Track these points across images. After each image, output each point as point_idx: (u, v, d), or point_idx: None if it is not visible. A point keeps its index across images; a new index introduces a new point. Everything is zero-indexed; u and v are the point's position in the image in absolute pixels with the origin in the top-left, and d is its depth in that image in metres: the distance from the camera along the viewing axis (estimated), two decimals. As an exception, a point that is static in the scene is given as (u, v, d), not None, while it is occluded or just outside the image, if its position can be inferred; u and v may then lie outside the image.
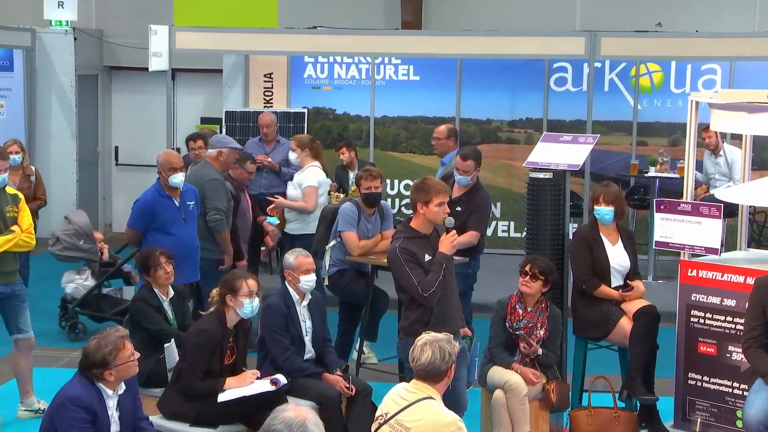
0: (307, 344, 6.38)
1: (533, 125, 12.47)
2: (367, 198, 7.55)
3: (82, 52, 13.23)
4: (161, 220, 7.53)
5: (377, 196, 7.61)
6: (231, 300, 5.89)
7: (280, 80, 12.76)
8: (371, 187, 7.55)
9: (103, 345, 4.80)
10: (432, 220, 5.82)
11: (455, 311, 5.98)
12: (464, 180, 7.75)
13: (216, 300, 5.97)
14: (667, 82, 12.23)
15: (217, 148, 8.29)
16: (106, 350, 4.79)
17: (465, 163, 7.76)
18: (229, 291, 5.89)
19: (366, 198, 7.55)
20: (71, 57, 13.05)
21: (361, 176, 7.61)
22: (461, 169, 7.77)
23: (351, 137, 12.49)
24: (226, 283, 5.96)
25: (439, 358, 4.61)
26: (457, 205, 7.57)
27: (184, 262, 7.53)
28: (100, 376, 4.80)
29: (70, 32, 13.06)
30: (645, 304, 6.78)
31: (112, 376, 4.81)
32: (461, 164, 7.78)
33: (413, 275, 5.71)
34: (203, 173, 8.11)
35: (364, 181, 7.55)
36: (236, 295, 5.88)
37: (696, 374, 6.40)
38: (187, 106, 13.52)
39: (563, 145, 7.13)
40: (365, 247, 7.57)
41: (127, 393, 4.97)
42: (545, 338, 6.49)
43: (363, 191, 7.56)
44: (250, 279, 5.95)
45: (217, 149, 8.29)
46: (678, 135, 12.04)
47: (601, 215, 6.87)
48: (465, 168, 7.76)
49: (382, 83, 12.63)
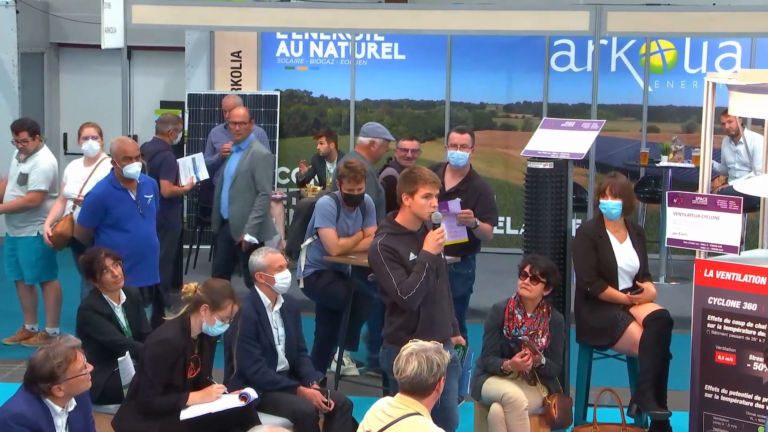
0: (280, 354, 6.37)
1: (532, 110, 12.49)
2: (348, 199, 7.53)
3: (25, 27, 13.15)
4: (115, 215, 7.51)
5: (359, 199, 7.58)
6: (205, 311, 5.85)
7: (249, 60, 12.73)
8: (354, 189, 7.52)
9: (52, 356, 4.77)
10: (417, 214, 5.82)
11: (445, 317, 5.98)
12: (463, 158, 7.59)
13: (189, 297, 5.92)
14: (681, 62, 12.26)
15: (370, 137, 8.31)
16: (54, 362, 4.76)
17: (463, 137, 7.63)
18: (209, 302, 5.84)
19: (347, 199, 7.53)
20: (13, 33, 12.97)
21: (343, 174, 7.50)
22: (459, 143, 7.61)
23: (329, 124, 12.48)
24: (212, 292, 5.90)
25: (426, 369, 4.61)
26: (455, 196, 7.56)
27: (142, 263, 7.51)
28: (48, 391, 4.77)
29: (12, 5, 12.97)
30: (656, 308, 6.80)
31: (62, 391, 4.79)
32: (459, 138, 7.63)
33: (393, 276, 5.71)
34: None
35: (347, 182, 7.49)
36: (215, 312, 5.84)
37: (713, 386, 6.42)
38: (144, 88, 13.46)
39: (565, 131, 7.14)
40: (345, 245, 7.56)
41: (78, 410, 4.96)
42: (547, 347, 6.51)
43: (344, 191, 7.53)
44: (237, 305, 5.93)
45: (369, 138, 8.31)
46: (693, 120, 12.08)
47: (608, 210, 6.88)
48: (464, 141, 7.60)
49: (364, 63, 12.61)
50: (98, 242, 7.43)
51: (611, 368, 7.16)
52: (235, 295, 5.92)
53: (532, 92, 12.49)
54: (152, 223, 7.74)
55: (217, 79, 12.77)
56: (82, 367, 4.85)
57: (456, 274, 7.56)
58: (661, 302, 6.98)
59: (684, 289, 9.85)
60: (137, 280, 7.12)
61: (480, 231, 7.60)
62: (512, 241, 12.20)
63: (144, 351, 5.92)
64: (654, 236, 11.35)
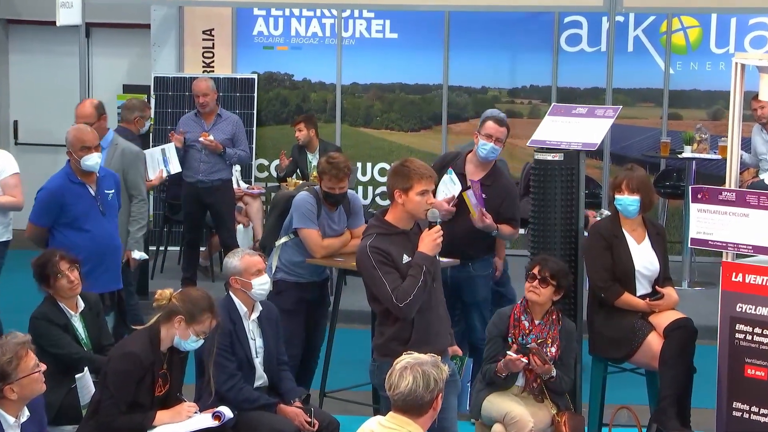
0: (258, 368, 6.37)
1: (539, 94, 12.51)
2: (329, 198, 7.47)
3: (-30, 2, 13.14)
4: (72, 212, 7.49)
5: (341, 198, 7.53)
6: (179, 324, 5.84)
7: (223, 38, 12.72)
8: (335, 188, 7.47)
9: (0, 353, 4.77)
10: (412, 213, 5.83)
11: (442, 325, 5.98)
12: (495, 153, 7.63)
13: (162, 306, 5.91)
14: (706, 41, 12.28)
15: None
16: (3, 359, 4.76)
17: (501, 129, 7.64)
18: (185, 314, 5.83)
19: (327, 198, 7.47)
20: (-43, 8, 12.96)
21: (324, 170, 7.41)
22: (496, 136, 7.62)
23: (313, 110, 12.48)
24: (190, 302, 5.88)
25: (422, 385, 4.62)
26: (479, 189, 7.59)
27: (102, 266, 7.50)
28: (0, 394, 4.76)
29: (-46, -23, 12.97)
30: (678, 316, 6.82)
31: (14, 393, 4.78)
32: (497, 131, 7.62)
33: (387, 281, 5.71)
34: None
35: (327, 179, 7.39)
36: (190, 325, 5.84)
37: (742, 404, 6.43)
38: (105, 70, 13.44)
39: (577, 119, 7.15)
40: (331, 247, 7.51)
41: (32, 423, 4.95)
42: (556, 358, 6.53)
43: (324, 189, 7.47)
44: (216, 320, 5.92)
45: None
46: (720, 106, 12.10)
47: (624, 206, 6.90)
48: (501, 135, 7.62)
49: (351, 42, 12.62)
50: (53, 244, 7.41)
51: (628, 383, 7.17)
52: (214, 309, 5.92)
53: (540, 75, 12.51)
54: (114, 221, 7.73)
55: (186, 61, 12.76)
56: (34, 365, 4.85)
57: (476, 277, 7.61)
58: (684, 310, 7.00)
59: (709, 295, 9.88)
60: (97, 285, 7.11)
61: (501, 233, 7.65)
62: (517, 242, 12.21)
63: (107, 365, 5.91)
64: (676, 236, 11.37)
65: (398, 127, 12.66)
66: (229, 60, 12.71)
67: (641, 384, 7.05)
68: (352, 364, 7.97)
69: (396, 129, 12.68)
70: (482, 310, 7.69)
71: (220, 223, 10.57)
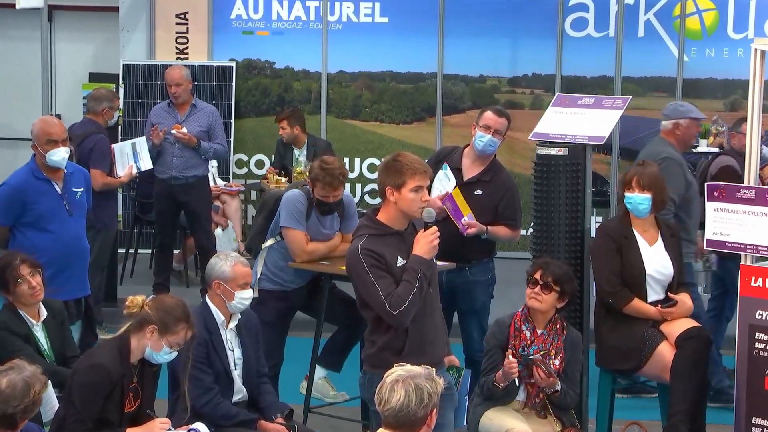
0: (237, 381, 6.38)
1: (542, 83, 12.53)
2: (321, 206, 7.48)
3: None
4: (36, 211, 7.48)
5: (334, 207, 7.53)
6: (152, 334, 5.84)
7: (198, 23, 12.72)
8: (329, 196, 7.47)
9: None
10: (406, 211, 5.84)
11: (438, 334, 5.99)
12: (494, 146, 7.61)
13: (134, 314, 5.92)
14: (723, 25, 12.32)
15: (672, 119, 8.27)
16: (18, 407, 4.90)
17: (500, 120, 7.60)
18: (159, 324, 5.83)
19: (319, 205, 7.48)
20: None
21: (317, 177, 7.38)
22: (494, 128, 7.59)
23: (296, 101, 12.49)
24: (164, 311, 5.87)
25: (415, 400, 4.63)
26: (476, 187, 7.58)
27: (67, 271, 7.49)
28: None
29: None
30: (692, 325, 6.84)
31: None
32: (496, 122, 7.59)
33: (379, 286, 5.72)
34: (657, 151, 8.00)
35: (321, 187, 7.37)
36: (164, 336, 5.83)
37: (762, 419, 6.45)
38: (69, 57, 13.44)
39: (583, 110, 7.17)
40: (315, 252, 7.51)
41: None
42: (560, 370, 6.54)
43: (317, 196, 7.46)
44: (191, 331, 5.92)
45: (672, 120, 8.27)
46: (738, 96, 12.14)
47: (635, 205, 6.92)
48: (500, 127, 7.58)
49: (338, 27, 12.62)
50: (14, 245, 7.40)
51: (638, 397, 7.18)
52: (190, 319, 5.90)
53: (543, 62, 12.53)
54: (81, 222, 7.72)
55: (158, 47, 12.75)
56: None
57: (473, 281, 7.61)
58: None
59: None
60: (62, 291, 7.10)
61: (493, 235, 7.61)
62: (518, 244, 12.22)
63: (71, 378, 5.91)
64: (690, 237, 11.40)
65: (389, 119, 12.67)
66: (204, 46, 12.71)
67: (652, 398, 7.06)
68: (339, 377, 7.98)
69: (386, 121, 12.69)
70: (480, 319, 7.70)
71: (195, 224, 10.56)
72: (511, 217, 7.65)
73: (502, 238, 7.70)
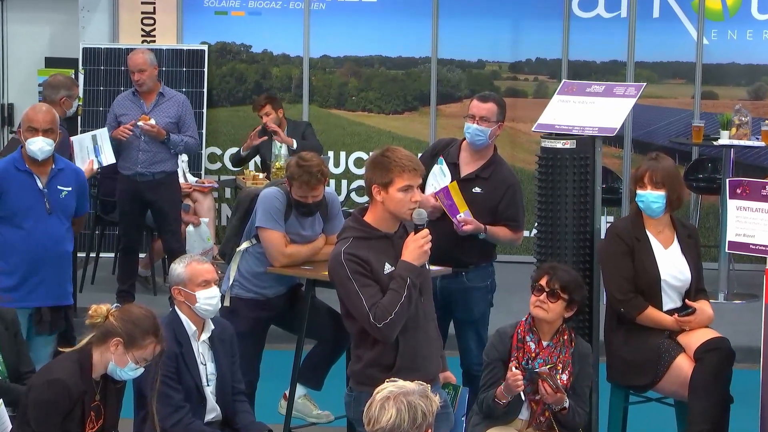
0: (210, 398, 6.38)
1: (547, 69, 12.55)
2: (300, 207, 7.45)
3: None
4: (11, 204, 7.47)
5: (314, 208, 7.51)
6: (116, 347, 5.83)
7: (166, 2, 12.72)
8: (308, 196, 7.45)
9: None
10: (394, 212, 5.83)
11: (432, 347, 5.99)
12: (481, 135, 7.56)
13: (97, 324, 5.89)
14: (747, 5, 12.35)
15: None
16: None
17: (484, 106, 7.58)
18: (125, 336, 5.81)
19: (297, 207, 7.46)
20: None
21: (293, 175, 7.35)
22: (479, 115, 7.57)
23: (275, 89, 12.49)
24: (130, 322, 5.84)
25: (408, 419, 4.63)
26: (474, 184, 7.58)
27: (38, 275, 7.45)
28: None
29: None
30: (713, 335, 6.86)
31: None
32: (478, 108, 7.58)
33: (363, 295, 5.70)
34: None
35: (297, 186, 7.32)
36: (130, 350, 5.82)
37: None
38: (24, 40, 13.41)
39: (592, 98, 7.18)
40: (295, 255, 7.50)
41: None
42: (568, 386, 6.55)
43: (295, 197, 7.43)
44: (160, 345, 5.89)
45: None
46: (763, 83, 12.18)
47: (647, 203, 6.93)
48: (484, 113, 7.56)
49: (321, 7, 12.64)
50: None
51: (653, 415, 7.21)
52: (159, 332, 5.88)
53: (547, 47, 12.56)
54: (62, 224, 7.62)
55: (122, 29, 12.76)
56: None
57: (471, 288, 7.62)
58: (720, 327, 7.04)
59: (751, 309, 9.92)
60: (30, 297, 7.08)
61: (492, 236, 7.61)
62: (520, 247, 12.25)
63: (26, 396, 5.91)
64: (711, 239, 11.43)
65: (378, 108, 12.69)
66: (173, 28, 12.71)
67: (669, 416, 7.09)
68: (322, 395, 7.99)
69: (375, 111, 12.71)
70: (479, 329, 7.71)
71: (163, 225, 10.55)
72: (512, 217, 7.65)
73: (503, 240, 7.70)
